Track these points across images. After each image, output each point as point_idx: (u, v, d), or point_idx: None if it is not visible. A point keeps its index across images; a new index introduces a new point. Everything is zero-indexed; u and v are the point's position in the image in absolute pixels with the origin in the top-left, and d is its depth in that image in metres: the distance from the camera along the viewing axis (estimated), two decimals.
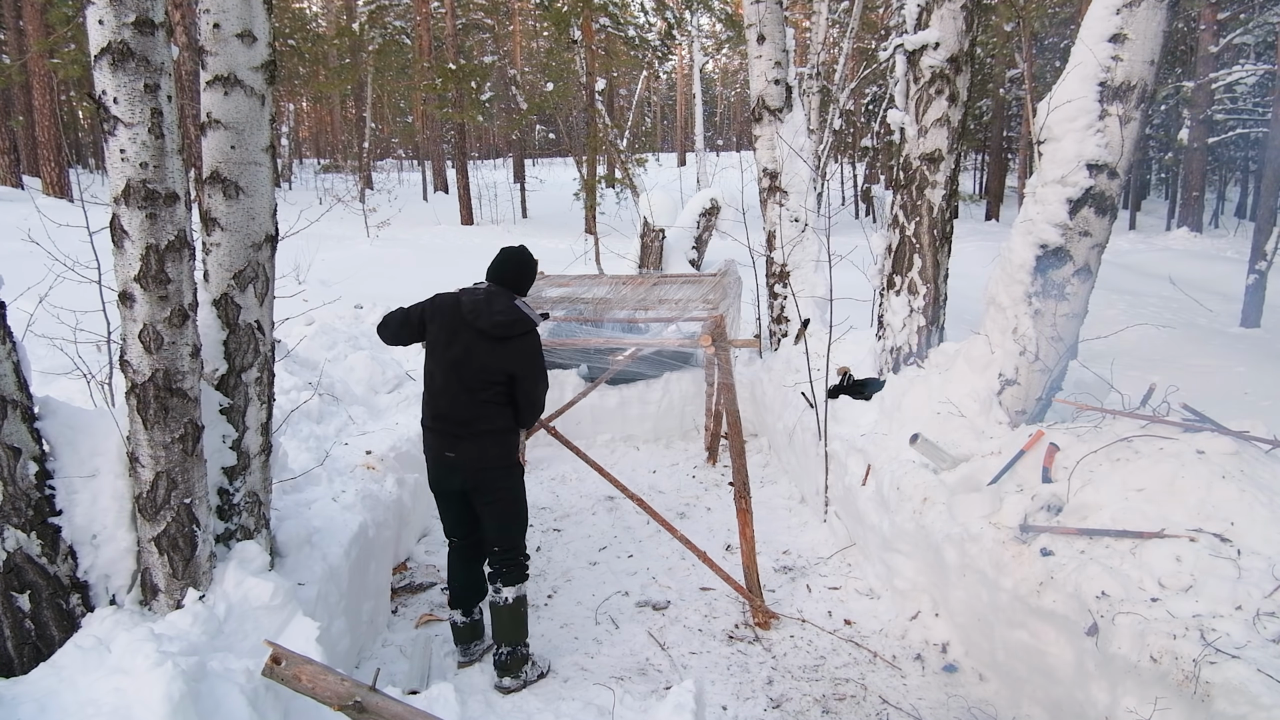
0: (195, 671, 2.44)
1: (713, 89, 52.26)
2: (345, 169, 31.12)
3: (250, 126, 2.86)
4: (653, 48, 22.88)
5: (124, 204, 2.46)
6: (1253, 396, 6.63)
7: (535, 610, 4.35)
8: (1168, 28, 3.73)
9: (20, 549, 2.63)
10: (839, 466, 4.99)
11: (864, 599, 4.40)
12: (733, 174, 20.09)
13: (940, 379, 4.61)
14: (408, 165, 38.95)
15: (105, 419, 2.85)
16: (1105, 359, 4.93)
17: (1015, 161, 26.58)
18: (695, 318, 4.53)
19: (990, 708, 3.47)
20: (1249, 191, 23.67)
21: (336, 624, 3.45)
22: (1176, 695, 2.60)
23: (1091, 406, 4.04)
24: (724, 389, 4.18)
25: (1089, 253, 3.96)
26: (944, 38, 4.79)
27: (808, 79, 14.52)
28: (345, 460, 4.57)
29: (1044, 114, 3.96)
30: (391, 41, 25.05)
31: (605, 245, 13.00)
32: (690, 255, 11.91)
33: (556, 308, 5.16)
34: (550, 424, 4.47)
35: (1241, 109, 19.56)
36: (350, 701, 2.39)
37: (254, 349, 3.07)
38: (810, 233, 6.90)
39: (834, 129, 13.61)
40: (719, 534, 5.26)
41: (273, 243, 3.07)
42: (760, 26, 6.69)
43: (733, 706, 3.57)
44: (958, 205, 5.38)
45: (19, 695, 2.39)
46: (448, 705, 2.91)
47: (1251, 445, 3.39)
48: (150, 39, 2.40)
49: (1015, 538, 3.44)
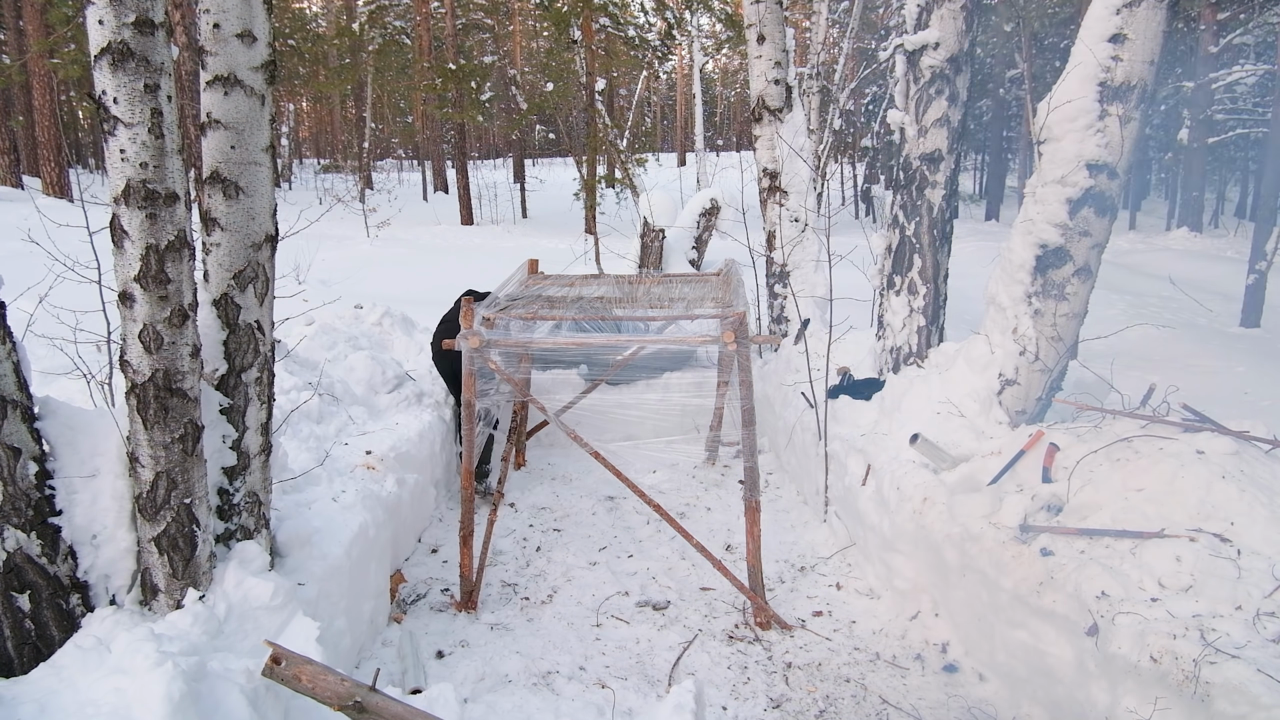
0: (195, 671, 2.44)
1: (713, 89, 52.24)
2: (345, 169, 31.09)
3: (250, 126, 2.86)
4: (653, 48, 22.88)
5: (124, 204, 2.46)
6: (1253, 396, 6.62)
7: (536, 610, 4.36)
8: (1168, 28, 3.73)
9: (20, 549, 2.63)
10: (839, 466, 4.99)
11: (864, 599, 4.40)
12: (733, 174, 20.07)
13: (940, 379, 4.61)
14: (408, 165, 38.92)
15: (105, 419, 2.85)
16: (1105, 359, 4.94)
17: (1015, 161, 26.57)
18: (715, 315, 4.55)
19: (990, 708, 3.47)
20: (1249, 191, 23.65)
21: (336, 624, 3.45)
22: (1176, 695, 2.60)
23: (1091, 406, 4.04)
24: (743, 385, 4.21)
25: (1089, 253, 3.96)
26: (944, 38, 4.79)
27: (808, 79, 14.52)
28: (345, 460, 4.57)
29: (1044, 114, 3.96)
30: (391, 41, 25.04)
31: (605, 245, 12.99)
32: (690, 255, 11.91)
33: (561, 307, 5.16)
34: (550, 423, 4.46)
35: (1241, 109, 19.53)
36: (350, 701, 2.39)
37: (254, 349, 3.07)
38: (810, 233, 6.90)
39: (834, 129, 13.62)
40: (719, 534, 5.26)
41: (273, 243, 3.07)
42: (760, 26, 6.69)
43: (733, 707, 3.57)
44: (958, 205, 5.37)
45: (19, 695, 2.39)
46: (448, 705, 2.91)
47: (1251, 445, 3.39)
48: (150, 39, 2.40)
49: (1015, 538, 3.44)
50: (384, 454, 4.79)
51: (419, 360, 6.71)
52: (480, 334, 4.31)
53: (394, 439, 5.07)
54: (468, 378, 4.37)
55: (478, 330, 4.33)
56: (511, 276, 5.75)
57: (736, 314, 4.28)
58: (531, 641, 4.05)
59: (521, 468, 6.50)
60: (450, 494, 5.85)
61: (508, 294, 5.23)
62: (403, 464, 4.91)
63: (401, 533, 4.72)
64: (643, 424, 7.11)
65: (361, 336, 6.59)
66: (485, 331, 4.41)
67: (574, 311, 5.06)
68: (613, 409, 7.03)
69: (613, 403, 7.02)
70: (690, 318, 4.74)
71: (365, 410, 5.56)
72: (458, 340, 4.32)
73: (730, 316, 4.29)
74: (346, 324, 6.83)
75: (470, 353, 4.31)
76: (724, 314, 4.47)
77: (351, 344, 6.33)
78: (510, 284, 5.55)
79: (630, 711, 3.47)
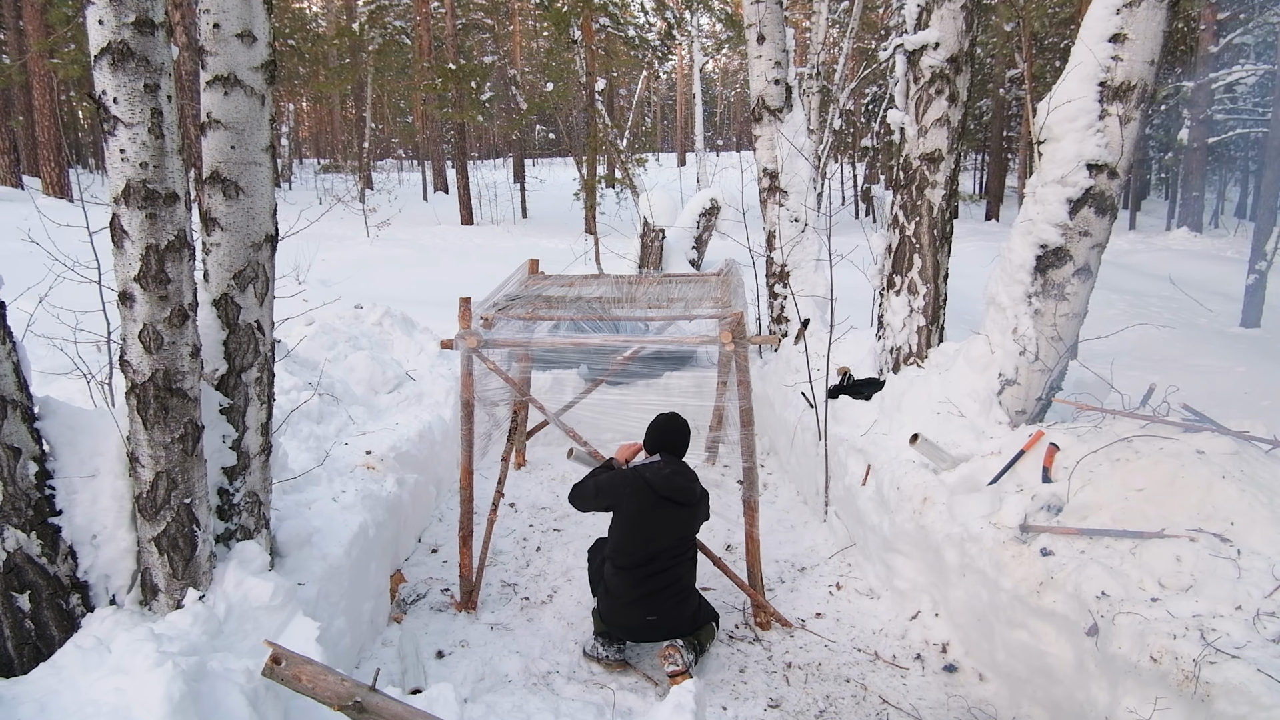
0: (195, 671, 2.44)
1: (713, 89, 52.25)
2: (345, 169, 31.08)
3: (250, 126, 2.86)
4: (653, 48, 22.89)
5: (124, 204, 2.46)
6: (1253, 396, 6.63)
7: (536, 610, 4.35)
8: (1168, 28, 3.73)
9: (20, 549, 2.63)
10: (839, 466, 4.99)
11: (864, 599, 4.40)
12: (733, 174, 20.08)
13: (940, 379, 4.61)
14: (408, 165, 38.92)
15: (105, 419, 2.85)
16: (1105, 359, 4.94)
17: (1015, 161, 26.56)
18: (714, 315, 4.56)
19: (990, 708, 3.47)
20: (1249, 191, 23.65)
21: (336, 624, 3.45)
22: (1176, 695, 2.60)
23: (1091, 406, 4.04)
24: (742, 386, 4.22)
25: (1089, 253, 3.96)
26: (944, 38, 4.79)
27: (808, 79, 14.51)
28: (345, 460, 4.57)
29: (1044, 114, 3.96)
30: (391, 41, 25.03)
31: (605, 245, 12.99)
32: (690, 255, 11.92)
33: (560, 307, 5.16)
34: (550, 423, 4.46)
35: (1241, 109, 19.54)
36: (350, 701, 2.39)
37: (254, 349, 3.07)
38: (810, 233, 6.90)
39: (834, 129, 13.61)
40: (719, 534, 5.26)
41: (273, 243, 3.07)
42: (760, 26, 6.69)
43: (732, 707, 3.57)
44: (958, 205, 5.37)
45: (19, 695, 2.39)
46: (448, 705, 2.91)
47: (1251, 445, 3.39)
48: (150, 39, 2.40)
49: (1015, 538, 3.44)
50: (384, 454, 4.79)
51: (419, 360, 6.71)
52: (479, 334, 4.31)
53: (394, 439, 5.08)
54: (466, 377, 4.36)
55: (476, 330, 4.33)
56: (511, 276, 5.75)
57: (735, 314, 4.29)
58: (531, 641, 4.05)
59: (521, 468, 6.50)
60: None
61: (507, 294, 5.24)
62: (403, 464, 4.91)
63: (401, 533, 4.72)
64: (642, 424, 7.10)
65: (361, 336, 6.59)
66: (484, 331, 4.41)
67: (574, 311, 5.06)
68: (613, 409, 7.02)
69: (613, 403, 7.01)
70: (689, 318, 4.75)
71: (365, 410, 5.57)
72: (455, 339, 4.32)
73: (729, 317, 4.30)
74: (346, 324, 6.83)
75: (468, 352, 4.31)
76: (723, 314, 4.47)
77: (351, 344, 6.33)
78: (510, 284, 5.55)
79: (630, 711, 3.47)
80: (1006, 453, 3.94)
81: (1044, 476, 3.66)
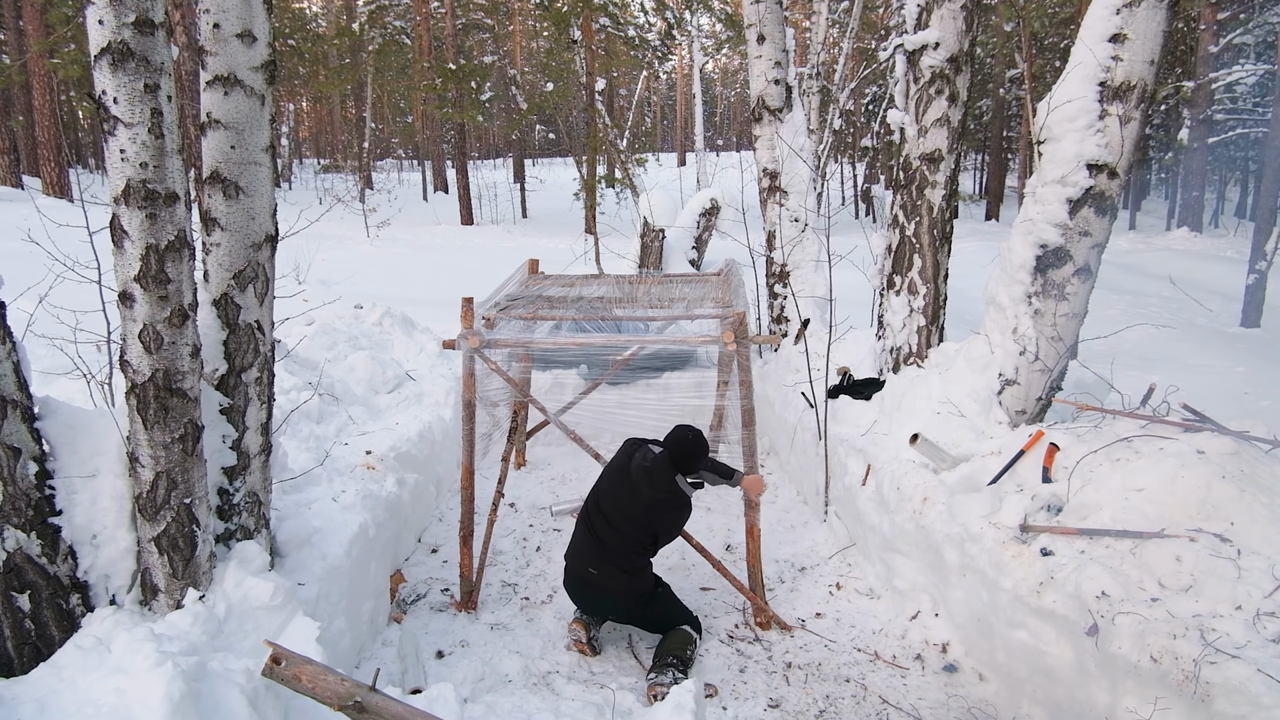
0: (195, 671, 2.44)
1: (713, 89, 52.24)
2: (345, 169, 31.08)
3: (250, 126, 2.86)
4: (653, 48, 22.88)
5: (124, 204, 2.46)
6: (1253, 396, 6.62)
7: (536, 610, 4.35)
8: (1168, 28, 3.73)
9: (20, 549, 2.63)
10: (839, 466, 4.99)
11: (864, 599, 4.40)
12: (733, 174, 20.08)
13: (940, 379, 4.61)
14: (408, 165, 38.91)
15: (105, 419, 2.85)
16: (1105, 359, 4.94)
17: (1015, 161, 26.56)
18: (715, 315, 4.56)
19: (990, 708, 3.47)
20: (1249, 191, 23.66)
21: (336, 624, 3.45)
22: (1176, 695, 2.60)
23: (1091, 406, 4.04)
24: (743, 385, 4.22)
25: (1089, 252, 3.96)
26: (944, 38, 4.79)
27: (808, 79, 14.50)
28: (345, 460, 4.57)
29: (1044, 114, 3.96)
30: (391, 41, 25.02)
31: (605, 245, 12.99)
32: (690, 255, 11.92)
33: (562, 307, 5.16)
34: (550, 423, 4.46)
35: (1241, 109, 19.54)
36: (350, 701, 2.39)
37: (254, 349, 3.07)
38: (810, 233, 6.89)
39: (834, 129, 13.59)
40: (719, 534, 5.26)
41: (273, 243, 3.07)
42: (760, 26, 6.69)
43: (732, 707, 3.57)
44: (958, 205, 5.37)
45: (19, 695, 2.39)
46: (448, 705, 2.91)
47: (1251, 445, 3.39)
48: (150, 39, 2.40)
49: (1015, 538, 3.44)
50: (384, 454, 4.79)
51: (419, 360, 6.71)
52: (480, 334, 4.31)
53: (394, 439, 5.08)
54: (468, 377, 4.36)
55: (478, 330, 4.33)
56: (511, 276, 5.75)
57: (736, 314, 4.29)
58: (531, 641, 4.05)
59: (521, 468, 6.50)
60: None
61: (508, 294, 5.23)
62: (403, 464, 4.91)
63: (401, 533, 4.72)
64: (642, 424, 7.10)
65: (361, 336, 6.59)
66: (486, 331, 4.41)
67: (574, 311, 5.06)
68: (613, 409, 7.02)
69: (613, 403, 7.01)
70: (690, 318, 4.75)
71: (365, 410, 5.57)
72: (457, 339, 4.32)
73: (730, 316, 4.30)
74: (346, 324, 6.83)
75: (470, 352, 4.31)
76: (724, 314, 4.47)
77: (351, 344, 6.33)
78: (510, 284, 5.55)
79: (630, 711, 3.47)
80: (1006, 453, 3.94)
81: (1044, 476, 3.66)
